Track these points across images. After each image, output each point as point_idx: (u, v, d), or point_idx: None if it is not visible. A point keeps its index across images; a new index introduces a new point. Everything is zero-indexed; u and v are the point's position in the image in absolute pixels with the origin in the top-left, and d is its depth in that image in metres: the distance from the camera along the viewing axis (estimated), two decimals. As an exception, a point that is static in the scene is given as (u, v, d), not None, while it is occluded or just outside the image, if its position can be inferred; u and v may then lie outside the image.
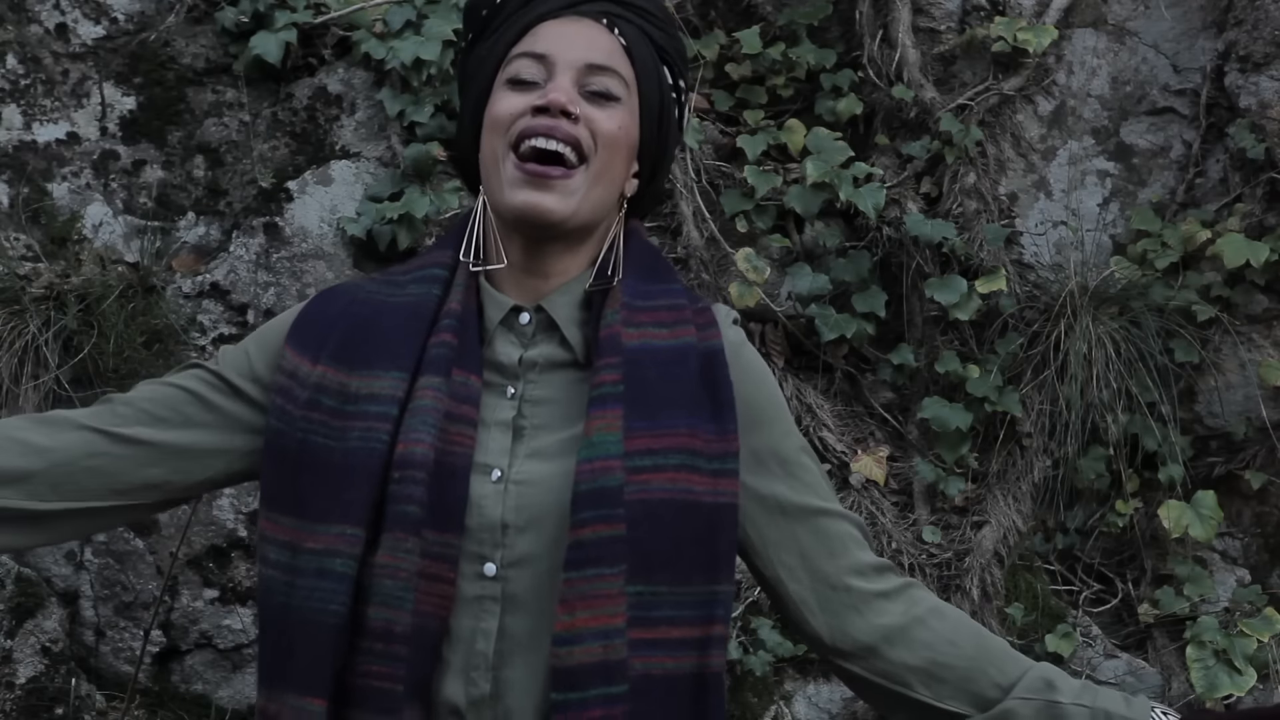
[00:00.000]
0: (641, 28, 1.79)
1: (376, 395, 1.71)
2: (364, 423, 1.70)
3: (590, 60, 1.74)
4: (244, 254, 3.93)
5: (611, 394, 1.69)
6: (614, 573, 1.65)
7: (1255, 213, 4.11)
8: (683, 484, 1.70)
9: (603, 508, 1.66)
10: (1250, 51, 4.12)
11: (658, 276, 1.80)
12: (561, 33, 1.75)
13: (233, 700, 3.90)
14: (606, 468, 1.67)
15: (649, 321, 1.75)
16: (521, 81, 1.74)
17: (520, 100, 1.74)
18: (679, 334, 1.75)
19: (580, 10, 1.76)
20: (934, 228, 4.08)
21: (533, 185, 1.71)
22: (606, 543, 1.66)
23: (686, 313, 1.78)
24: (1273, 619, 3.98)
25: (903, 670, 1.79)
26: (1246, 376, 4.10)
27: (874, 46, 4.23)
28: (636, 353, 1.72)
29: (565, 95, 1.71)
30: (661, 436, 1.70)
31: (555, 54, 1.74)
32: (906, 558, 3.97)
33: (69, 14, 4.03)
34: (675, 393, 1.72)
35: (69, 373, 3.72)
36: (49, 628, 3.80)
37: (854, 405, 4.19)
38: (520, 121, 1.72)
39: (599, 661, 1.63)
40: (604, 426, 1.68)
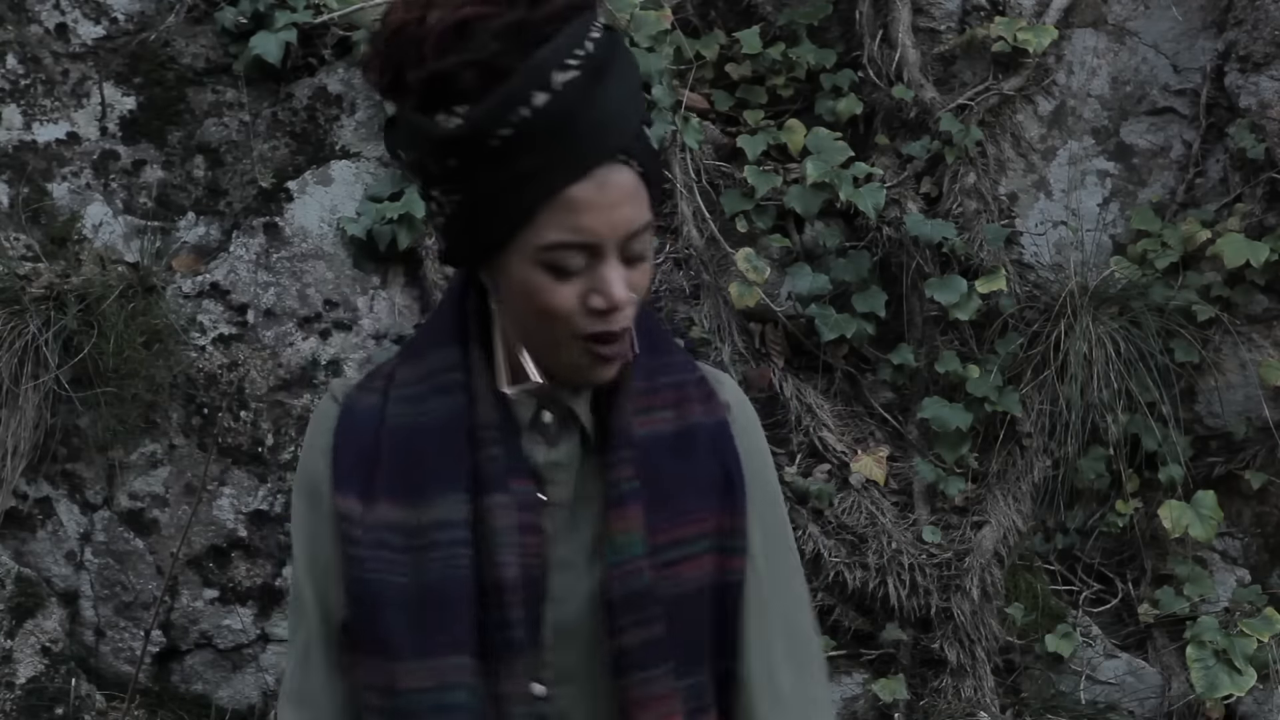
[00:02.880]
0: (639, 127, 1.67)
1: (443, 522, 1.68)
2: (441, 552, 1.67)
3: (632, 228, 1.63)
4: (244, 254, 3.93)
5: (630, 491, 1.68)
6: (662, 672, 1.66)
7: (1255, 213, 4.11)
8: (709, 567, 1.70)
9: (637, 610, 1.67)
10: (1250, 51, 4.12)
11: (660, 348, 1.76)
12: (597, 204, 1.61)
13: (233, 700, 3.90)
14: (635, 569, 1.67)
15: (658, 405, 1.73)
16: (565, 270, 1.63)
17: (569, 291, 1.63)
18: (685, 414, 1.74)
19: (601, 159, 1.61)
20: (934, 228, 4.08)
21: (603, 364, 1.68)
22: (650, 645, 1.67)
23: (690, 390, 1.76)
24: (1273, 619, 3.98)
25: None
26: (1246, 376, 4.10)
27: (874, 46, 4.23)
28: (647, 442, 1.71)
29: (624, 294, 1.64)
30: (684, 525, 1.70)
31: (601, 238, 1.62)
32: (906, 558, 3.97)
33: (69, 14, 4.03)
34: (689, 477, 1.71)
35: (69, 373, 3.72)
36: (49, 628, 3.80)
37: (854, 405, 4.19)
38: (578, 320, 1.64)
39: None
40: (625, 528, 1.67)
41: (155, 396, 3.81)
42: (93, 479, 3.84)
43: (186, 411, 3.84)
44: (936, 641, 3.98)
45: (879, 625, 4.01)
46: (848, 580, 3.95)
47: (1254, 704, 4.02)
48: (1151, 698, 4.09)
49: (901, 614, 3.97)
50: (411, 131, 1.62)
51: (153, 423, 3.83)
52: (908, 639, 4.01)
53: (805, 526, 3.97)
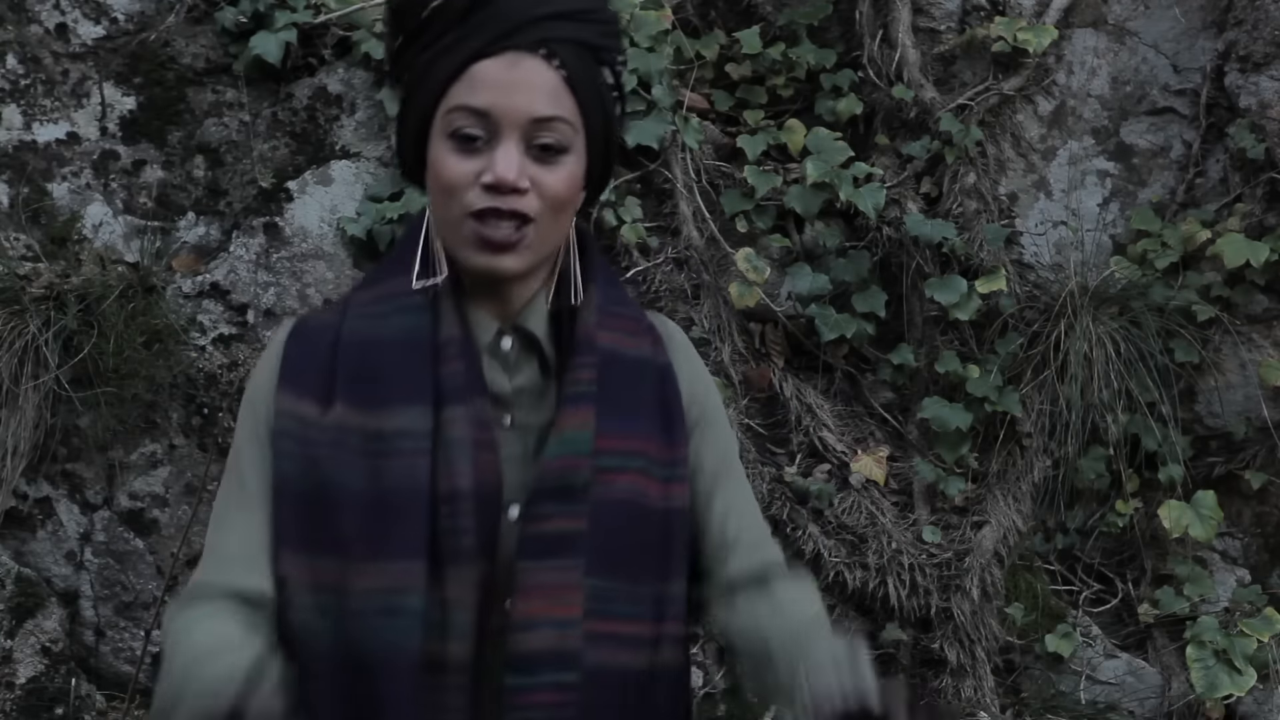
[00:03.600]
0: (579, 40, 1.74)
1: (407, 431, 1.71)
2: (401, 460, 1.70)
3: (535, 114, 1.70)
4: (244, 254, 3.93)
5: (586, 393, 1.73)
6: (571, 565, 1.69)
7: (1255, 213, 4.11)
8: (641, 487, 1.74)
9: (566, 503, 1.70)
10: (1250, 51, 4.12)
11: (619, 288, 1.85)
12: (501, 80, 1.70)
13: (233, 700, 3.90)
14: (575, 465, 1.71)
15: (619, 328, 1.79)
16: (464, 137, 1.71)
17: (465, 166, 1.71)
18: (640, 344, 1.80)
19: (516, 43, 1.70)
20: (934, 228, 4.08)
21: (490, 250, 1.72)
22: (567, 537, 1.69)
23: (644, 325, 1.83)
24: (1273, 619, 3.98)
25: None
26: (1246, 376, 4.10)
27: (874, 46, 4.23)
28: (609, 354, 1.76)
29: (513, 172, 1.69)
30: (627, 439, 1.74)
31: (498, 111, 1.70)
32: (906, 558, 3.97)
33: (69, 14, 4.03)
34: (638, 399, 1.77)
35: (69, 373, 3.72)
36: (49, 628, 3.80)
37: (854, 405, 4.19)
38: (469, 195, 1.71)
39: (552, 649, 1.67)
40: (578, 425, 1.71)
41: (155, 396, 3.81)
42: (93, 479, 3.84)
43: (186, 411, 3.84)
44: (936, 641, 3.98)
45: (879, 625, 4.01)
46: (848, 580, 3.95)
47: (1254, 704, 4.02)
48: (1151, 698, 4.09)
49: (901, 614, 3.98)
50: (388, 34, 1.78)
51: (153, 423, 3.83)
52: (908, 639, 4.01)
53: (805, 526, 3.97)
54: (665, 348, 1.82)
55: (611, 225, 3.98)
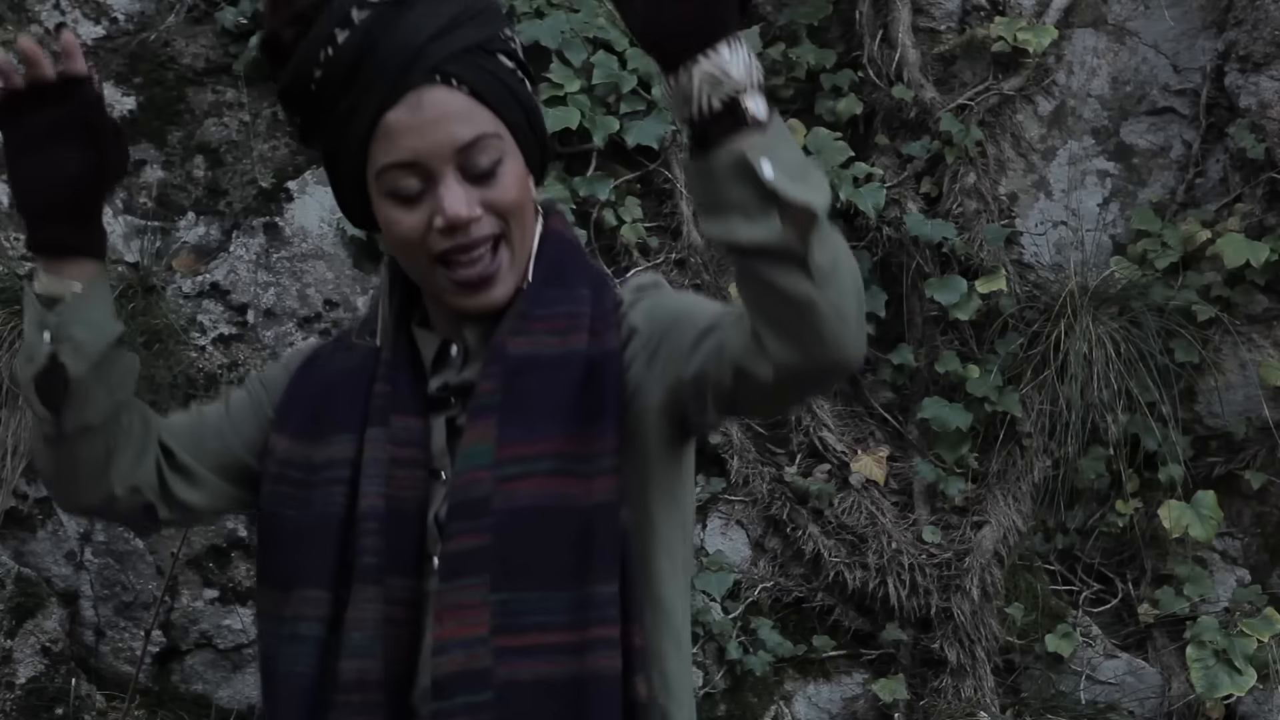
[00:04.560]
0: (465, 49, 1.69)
1: (332, 460, 1.75)
2: (323, 489, 1.75)
3: (458, 144, 1.67)
4: (244, 254, 3.93)
5: (488, 404, 1.70)
6: (477, 582, 1.66)
7: (1255, 213, 4.11)
8: (554, 489, 1.68)
9: (469, 519, 1.68)
10: (1250, 51, 4.12)
11: (565, 280, 1.76)
12: (412, 125, 1.66)
13: (233, 700, 3.90)
14: (475, 479, 1.68)
15: (542, 329, 1.72)
16: (404, 196, 1.68)
17: (415, 218, 1.68)
18: (570, 342, 1.72)
19: (411, 82, 1.66)
20: (934, 228, 4.08)
21: (472, 290, 1.71)
22: (471, 554, 1.67)
23: (584, 319, 1.73)
24: (1273, 619, 3.98)
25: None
26: (1246, 376, 4.10)
27: (874, 46, 4.23)
28: (520, 361, 1.71)
29: (463, 209, 1.67)
30: (534, 443, 1.68)
31: (423, 156, 1.67)
32: (906, 558, 3.97)
33: (69, 14, 4.03)
34: (553, 400, 1.69)
35: (69, 373, 3.72)
36: (49, 628, 3.80)
37: (854, 405, 4.19)
38: (430, 240, 1.68)
39: (461, 670, 1.65)
40: (477, 438, 1.69)
41: (155, 396, 3.81)
42: (93, 479, 3.83)
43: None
44: (936, 641, 3.98)
45: (879, 625, 4.01)
46: (848, 580, 3.95)
47: (1254, 704, 4.02)
48: (1151, 698, 4.08)
49: (901, 614, 3.97)
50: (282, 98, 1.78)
51: (153, 423, 3.82)
52: (908, 639, 4.01)
53: (805, 526, 3.97)
54: (616, 330, 1.73)
55: (611, 225, 3.98)
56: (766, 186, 1.49)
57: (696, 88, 1.49)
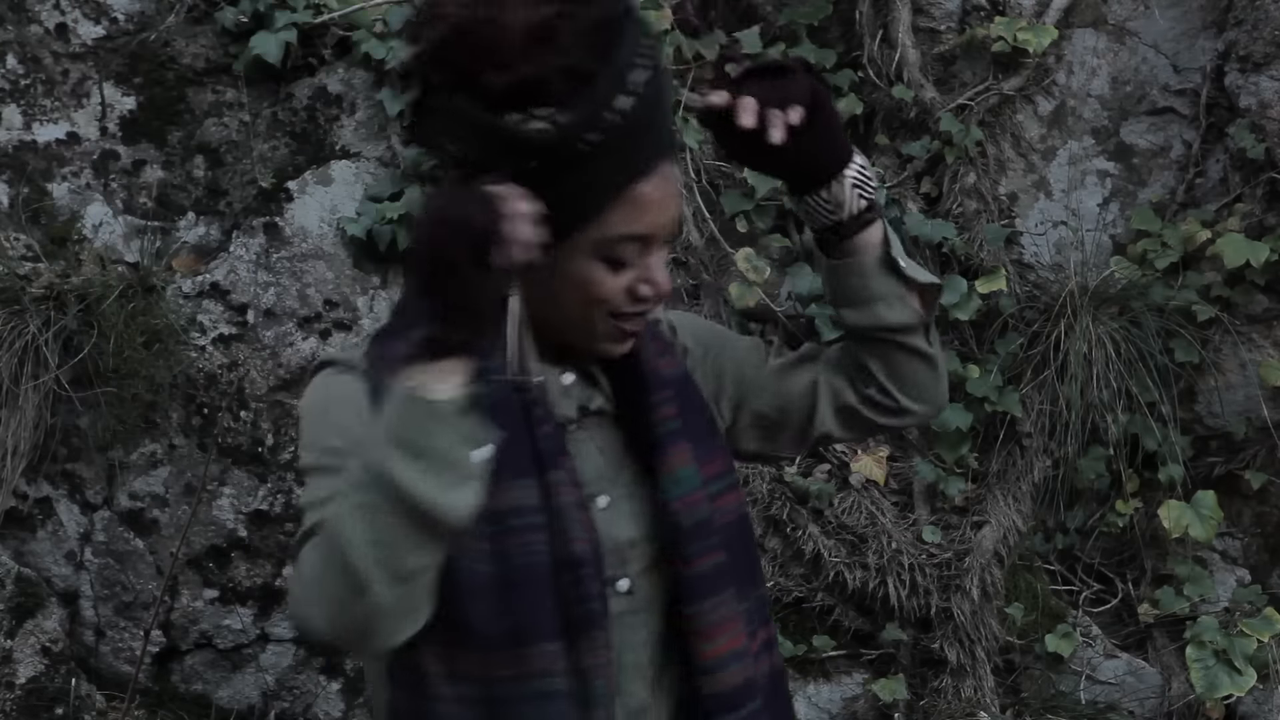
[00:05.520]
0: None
1: (519, 508, 1.69)
2: (519, 538, 1.68)
3: (679, 218, 1.71)
4: (244, 254, 3.93)
5: (676, 429, 1.75)
6: (727, 596, 1.74)
7: (1255, 213, 4.11)
8: (734, 503, 1.80)
9: (703, 539, 1.74)
10: (1250, 51, 4.12)
11: None
12: (657, 199, 1.65)
13: (233, 700, 3.90)
14: (695, 501, 1.75)
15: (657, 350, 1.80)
16: (617, 262, 1.67)
17: (619, 282, 1.68)
18: (674, 362, 1.83)
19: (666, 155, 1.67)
20: (934, 228, 4.08)
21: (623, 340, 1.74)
22: (717, 571, 1.74)
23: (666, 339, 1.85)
24: (1273, 619, 3.98)
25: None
26: (1246, 376, 4.10)
27: (874, 46, 4.23)
28: (676, 383, 1.79)
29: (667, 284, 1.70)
30: (713, 461, 1.79)
31: (657, 230, 1.67)
32: (906, 558, 3.97)
33: (69, 14, 4.03)
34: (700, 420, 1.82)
35: (69, 373, 3.72)
36: (49, 628, 3.80)
37: (854, 405, 4.19)
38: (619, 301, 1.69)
39: (744, 682, 1.74)
40: (681, 463, 1.75)
41: (155, 396, 3.81)
42: (93, 479, 3.84)
43: (186, 411, 3.84)
44: (936, 641, 3.98)
45: (879, 625, 4.01)
46: (848, 580, 3.95)
47: (1254, 704, 4.02)
48: (1151, 698, 4.09)
49: (901, 614, 3.98)
50: (472, 128, 1.58)
51: (153, 423, 3.83)
52: (908, 639, 4.01)
53: (805, 526, 3.97)
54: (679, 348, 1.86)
55: (611, 225, 3.98)
56: (905, 275, 1.80)
57: (848, 194, 1.76)
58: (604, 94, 1.57)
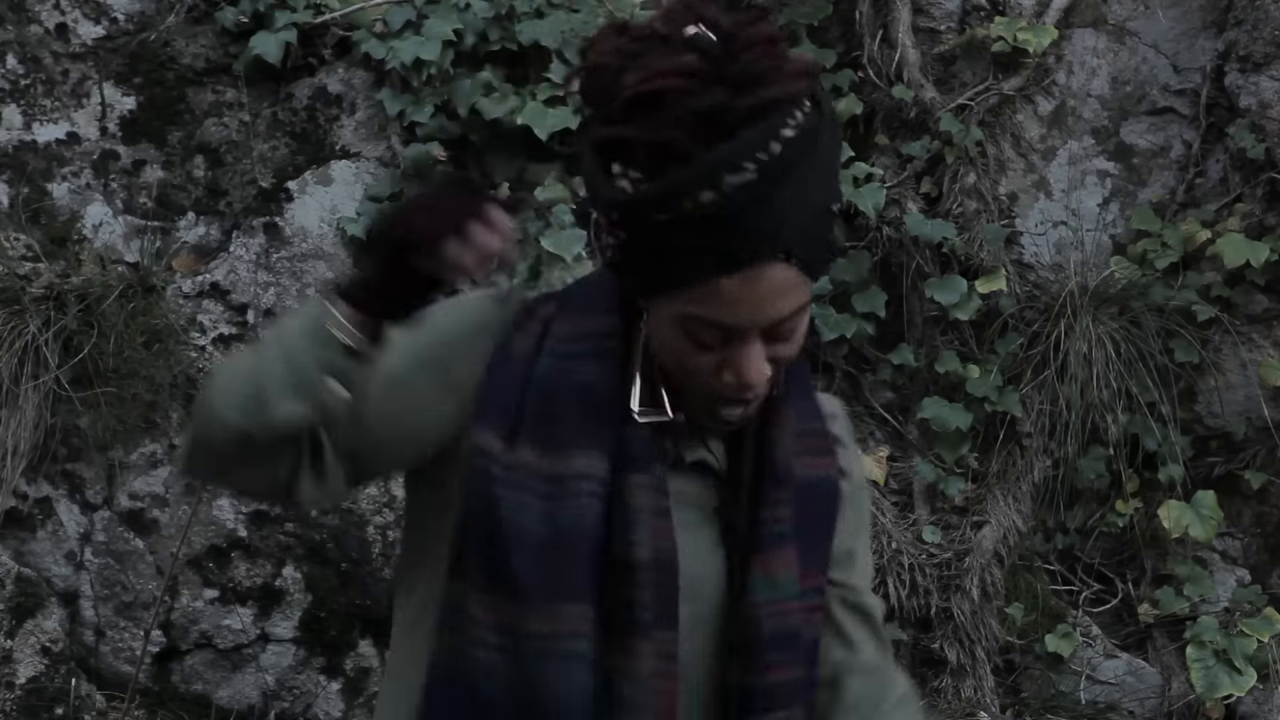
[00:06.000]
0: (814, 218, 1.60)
1: (582, 474, 1.68)
2: (575, 501, 1.67)
3: (778, 319, 1.61)
4: (244, 254, 3.93)
5: (785, 533, 1.71)
6: (793, 714, 1.72)
7: (1255, 213, 4.11)
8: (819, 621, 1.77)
9: (785, 651, 1.71)
10: (1250, 51, 4.12)
11: (804, 389, 1.78)
12: (743, 297, 1.58)
13: (233, 700, 3.90)
14: (787, 610, 1.71)
15: (811, 449, 1.75)
16: (700, 343, 1.62)
17: (704, 360, 1.63)
18: (824, 465, 1.76)
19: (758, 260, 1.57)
20: (934, 228, 4.08)
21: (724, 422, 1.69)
22: (789, 685, 1.72)
23: (827, 440, 1.78)
24: (1273, 619, 3.98)
25: None
26: (1246, 376, 4.10)
27: (874, 46, 4.22)
28: (807, 487, 1.73)
29: (759, 376, 1.63)
30: (818, 576, 1.75)
31: (741, 324, 1.60)
32: (906, 558, 3.97)
33: (69, 14, 4.03)
34: (822, 531, 1.76)
35: (69, 373, 3.72)
36: (49, 628, 3.80)
37: (854, 405, 4.19)
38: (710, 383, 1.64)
39: None
40: (784, 568, 1.70)
41: (155, 396, 3.81)
42: (93, 479, 3.84)
43: (186, 411, 3.84)
44: (936, 641, 3.98)
45: (879, 625, 4.00)
46: (848, 580, 3.95)
47: (1254, 704, 4.02)
48: (1151, 698, 4.08)
49: (901, 614, 3.97)
50: (588, 165, 1.62)
51: (153, 423, 3.83)
52: (908, 639, 4.01)
53: (805, 526, 3.97)
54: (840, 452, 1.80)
55: (611, 225, 3.97)
56: None
57: None
58: (686, 184, 1.54)
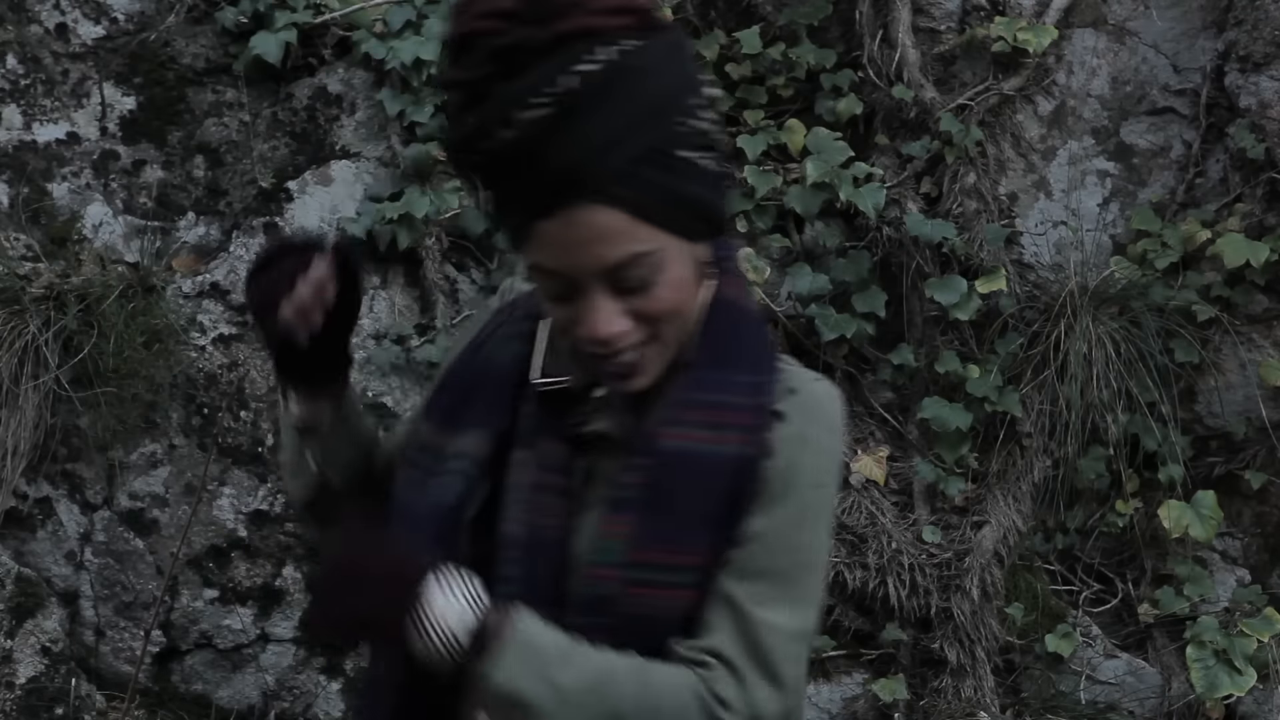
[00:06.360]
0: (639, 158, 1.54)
1: (460, 453, 1.71)
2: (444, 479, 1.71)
3: (606, 265, 1.56)
4: (244, 254, 3.93)
5: (631, 499, 1.64)
6: None
7: (1255, 213, 4.11)
8: (674, 599, 1.64)
9: (596, 616, 1.64)
10: (1250, 51, 4.12)
11: (727, 363, 1.69)
12: (561, 240, 1.55)
13: (233, 700, 3.90)
14: (604, 576, 1.64)
15: (696, 421, 1.65)
16: (554, 295, 1.61)
17: (564, 313, 1.61)
18: (724, 440, 1.65)
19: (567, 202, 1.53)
20: (934, 228, 4.08)
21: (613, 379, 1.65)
22: None
23: (742, 415, 1.66)
24: (1273, 619, 3.98)
25: None
26: (1246, 376, 4.10)
27: (874, 46, 4.23)
28: (671, 456, 1.64)
29: (609, 328, 1.58)
30: (672, 553, 1.63)
31: (571, 270, 1.57)
32: (906, 558, 3.97)
33: (69, 14, 4.03)
34: (702, 509, 1.64)
35: (69, 373, 3.72)
36: (49, 628, 3.80)
37: (854, 405, 4.19)
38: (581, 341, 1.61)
39: None
40: (612, 533, 1.64)
41: (155, 396, 3.81)
42: (93, 479, 3.84)
43: (186, 411, 3.84)
44: (936, 641, 3.98)
45: (879, 625, 4.01)
46: (848, 580, 3.95)
47: (1254, 704, 4.02)
48: (1151, 698, 4.09)
49: (901, 614, 3.98)
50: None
51: (153, 423, 3.83)
52: (908, 639, 4.01)
53: (805, 526, 3.97)
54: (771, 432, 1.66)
55: (611, 225, 3.98)
56: None
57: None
58: (484, 123, 1.52)
